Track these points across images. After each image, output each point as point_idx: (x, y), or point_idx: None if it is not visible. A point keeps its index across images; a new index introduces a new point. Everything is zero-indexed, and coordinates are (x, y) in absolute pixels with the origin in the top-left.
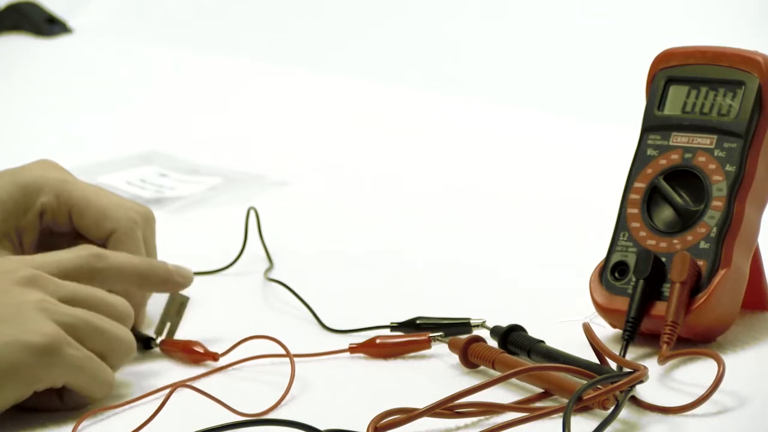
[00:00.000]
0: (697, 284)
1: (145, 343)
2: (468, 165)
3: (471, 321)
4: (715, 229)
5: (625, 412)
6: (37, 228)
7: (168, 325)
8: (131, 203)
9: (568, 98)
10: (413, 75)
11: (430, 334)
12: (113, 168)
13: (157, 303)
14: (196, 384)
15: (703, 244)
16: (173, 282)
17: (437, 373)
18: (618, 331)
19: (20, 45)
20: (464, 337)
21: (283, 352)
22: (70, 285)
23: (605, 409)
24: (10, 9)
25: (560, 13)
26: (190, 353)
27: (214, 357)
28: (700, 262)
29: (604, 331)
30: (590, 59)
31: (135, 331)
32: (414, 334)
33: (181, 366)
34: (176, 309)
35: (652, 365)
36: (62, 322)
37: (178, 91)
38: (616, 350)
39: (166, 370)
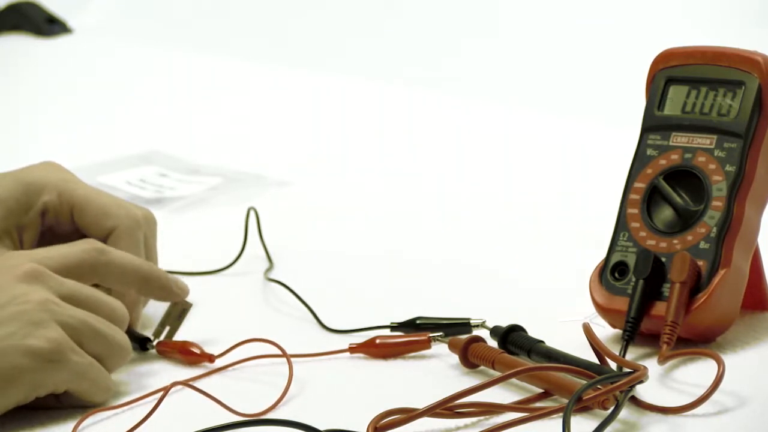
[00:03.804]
0: (697, 284)
1: (141, 344)
2: (468, 165)
3: (471, 321)
4: (715, 229)
5: (625, 412)
6: (38, 227)
7: (167, 328)
8: (134, 205)
9: (568, 98)
10: (413, 75)
11: (430, 334)
12: (113, 168)
13: (159, 306)
14: (194, 384)
15: (703, 244)
16: (170, 290)
17: (437, 373)
18: (618, 331)
19: (20, 45)
20: (464, 337)
21: (280, 352)
22: (71, 284)
23: (605, 409)
24: (10, 9)
25: (560, 13)
26: (187, 354)
27: (211, 359)
28: (700, 262)
29: (604, 331)
30: (590, 59)
31: (131, 330)
32: (414, 334)
33: (180, 367)
34: (178, 314)
35: (652, 365)
36: (65, 324)
37: (178, 91)
38: (616, 350)
39: (166, 371)
